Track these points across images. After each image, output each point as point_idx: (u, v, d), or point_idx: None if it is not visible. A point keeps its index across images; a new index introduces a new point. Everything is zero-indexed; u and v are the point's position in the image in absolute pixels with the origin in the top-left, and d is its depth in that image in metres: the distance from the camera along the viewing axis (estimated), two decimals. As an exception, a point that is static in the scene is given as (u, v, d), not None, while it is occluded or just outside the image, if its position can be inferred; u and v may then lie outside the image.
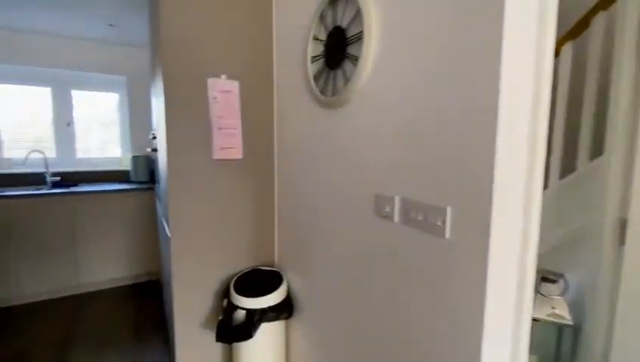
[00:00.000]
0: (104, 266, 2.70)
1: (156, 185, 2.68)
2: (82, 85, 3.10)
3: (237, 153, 1.54)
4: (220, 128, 1.48)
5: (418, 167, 0.80)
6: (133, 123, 3.24)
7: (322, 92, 1.17)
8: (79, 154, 3.15)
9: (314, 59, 1.21)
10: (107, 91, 3.23)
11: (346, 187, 1.08)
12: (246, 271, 1.60)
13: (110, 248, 2.71)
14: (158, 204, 2.49)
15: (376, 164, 0.95)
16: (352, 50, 1.01)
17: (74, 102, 3.09)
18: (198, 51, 1.42)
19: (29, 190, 2.61)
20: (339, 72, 1.07)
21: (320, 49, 1.17)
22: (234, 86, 1.50)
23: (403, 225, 0.86)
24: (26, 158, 2.76)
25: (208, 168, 1.49)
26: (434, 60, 0.75)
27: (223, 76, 1.48)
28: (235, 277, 1.53)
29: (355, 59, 0.98)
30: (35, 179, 2.86)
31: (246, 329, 1.35)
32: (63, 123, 3.05)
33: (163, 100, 1.40)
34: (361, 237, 1.03)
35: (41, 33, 2.78)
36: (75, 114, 3.10)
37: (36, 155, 2.81)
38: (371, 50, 0.93)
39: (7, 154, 2.88)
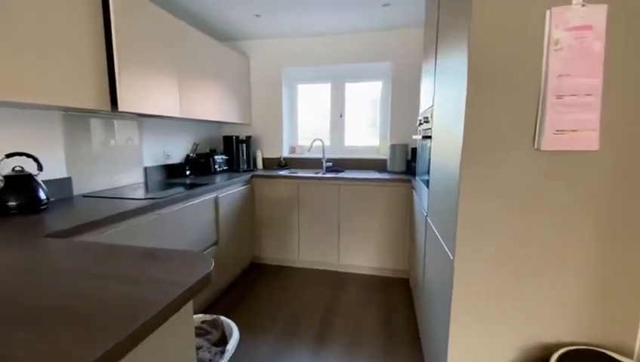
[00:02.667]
0: (358, 252, 2.78)
1: (415, 177, 2.40)
2: (353, 77, 3.31)
3: (589, 140, 0.85)
4: (559, 96, 0.85)
5: None
6: (394, 110, 3.14)
7: None
8: (346, 142, 3.43)
9: None
10: (372, 80, 3.29)
11: None
12: (573, 349, 0.91)
13: (364, 237, 2.74)
14: (416, 198, 2.18)
15: None
16: None
17: (346, 94, 3.36)
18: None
19: (310, 172, 3.06)
20: None
21: None
22: (596, 16, 0.81)
23: None
24: (311, 146, 3.26)
25: (527, 166, 0.91)
26: None
27: (577, 2, 0.82)
28: (556, 356, 0.89)
29: None
30: (315, 164, 3.35)
31: None
32: (337, 114, 3.40)
33: (465, 64, 0.94)
34: None
35: (322, 34, 3.14)
36: (346, 105, 3.38)
37: (317, 143, 3.27)
38: None
39: (300, 142, 3.56)
